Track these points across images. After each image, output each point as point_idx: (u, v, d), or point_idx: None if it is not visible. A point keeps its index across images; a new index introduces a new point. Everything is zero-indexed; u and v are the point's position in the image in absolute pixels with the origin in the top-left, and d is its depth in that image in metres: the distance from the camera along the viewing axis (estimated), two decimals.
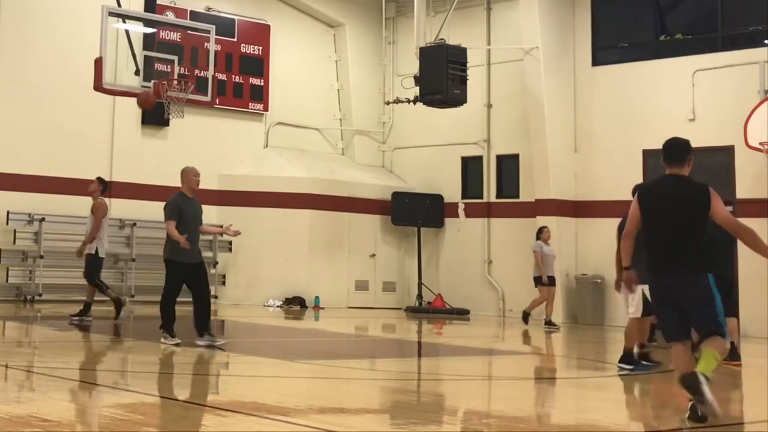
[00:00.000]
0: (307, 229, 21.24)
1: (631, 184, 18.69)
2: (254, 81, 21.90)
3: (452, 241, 22.20)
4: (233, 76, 21.57)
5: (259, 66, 21.98)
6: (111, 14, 16.35)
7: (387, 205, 22.16)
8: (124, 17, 17.32)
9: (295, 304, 20.87)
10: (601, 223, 19.27)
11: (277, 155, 21.96)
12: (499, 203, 21.52)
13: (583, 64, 20.42)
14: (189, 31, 19.82)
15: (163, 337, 11.41)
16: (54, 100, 19.09)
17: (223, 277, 20.84)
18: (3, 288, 18.54)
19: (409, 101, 19.42)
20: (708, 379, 6.80)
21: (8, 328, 14.06)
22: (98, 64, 15.80)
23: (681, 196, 7.23)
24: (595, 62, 20.39)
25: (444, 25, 19.82)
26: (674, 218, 7.20)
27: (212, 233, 11.78)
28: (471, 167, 22.15)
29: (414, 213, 22.05)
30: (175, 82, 16.82)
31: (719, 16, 18.92)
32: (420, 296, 21.85)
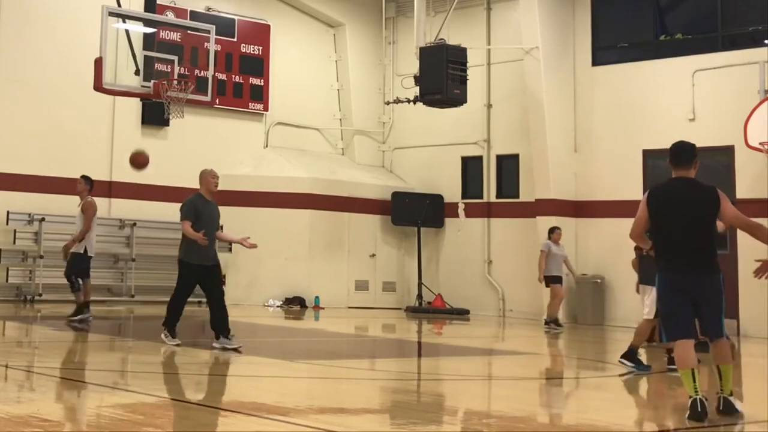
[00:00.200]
0: (307, 229, 21.23)
1: (631, 184, 19.10)
2: (254, 81, 21.89)
3: (452, 241, 22.20)
4: (233, 76, 21.57)
5: (259, 66, 21.97)
6: (111, 14, 16.36)
7: (387, 205, 22.15)
8: (124, 17, 17.33)
9: (295, 304, 20.87)
10: (601, 223, 19.29)
11: (277, 155, 21.96)
12: (499, 203, 21.51)
13: (583, 64, 20.41)
14: (189, 31, 19.84)
15: (163, 333, 11.34)
16: (54, 100, 19.09)
17: (223, 277, 20.77)
18: (3, 288, 18.55)
19: (409, 101, 19.41)
20: (732, 393, 7.35)
21: (8, 328, 14.06)
22: (98, 64, 15.81)
23: (692, 199, 7.41)
24: (595, 62, 20.37)
25: (444, 25, 19.81)
26: (686, 220, 7.38)
27: (229, 241, 11.62)
28: (471, 167, 22.14)
29: (414, 213, 22.04)
30: (175, 82, 16.83)
31: (719, 16, 18.91)
32: (420, 296, 21.84)
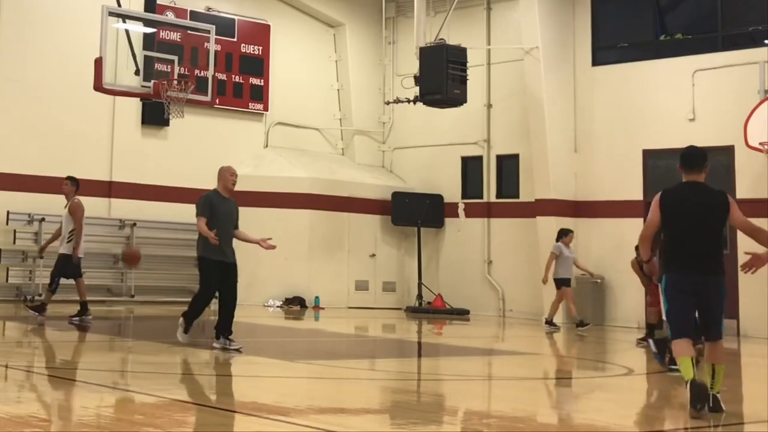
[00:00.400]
0: (307, 229, 21.23)
1: (631, 184, 19.12)
2: (254, 81, 21.89)
3: (452, 241, 22.19)
4: (233, 76, 21.57)
5: (259, 66, 21.97)
6: (111, 14, 16.35)
7: (387, 205, 22.15)
8: (124, 17, 17.33)
9: (295, 304, 20.88)
10: (601, 223, 19.28)
11: (277, 155, 21.95)
12: (499, 203, 21.50)
13: (583, 64, 20.41)
14: (189, 31, 19.84)
15: (181, 325, 11.22)
16: (54, 100, 19.09)
17: None
18: (3, 288, 18.54)
19: (409, 101, 19.41)
20: (719, 392, 7.45)
21: (8, 328, 14.05)
22: (98, 64, 15.81)
23: (702, 202, 7.67)
24: (595, 62, 20.36)
25: (444, 25, 19.81)
26: (696, 223, 7.61)
27: (249, 241, 11.62)
28: (471, 167, 22.14)
29: (414, 213, 22.04)
30: (175, 82, 16.83)
31: (719, 16, 18.90)
32: (420, 296, 21.83)
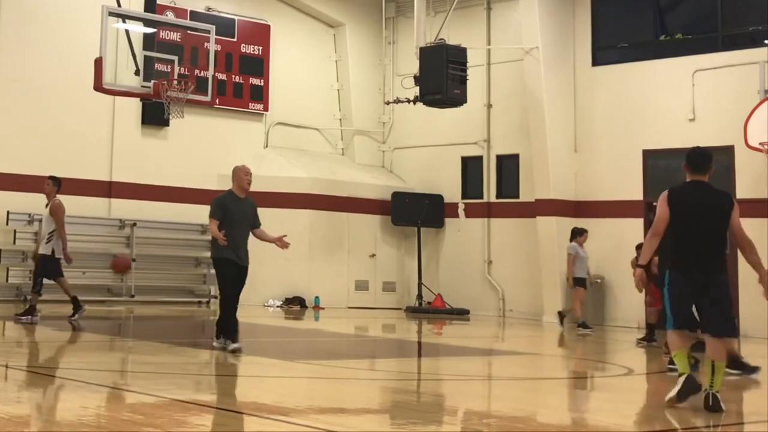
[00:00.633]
0: (307, 229, 21.22)
1: (631, 184, 19.15)
2: (254, 81, 21.89)
3: (452, 241, 22.19)
4: (233, 76, 21.57)
5: (259, 66, 21.97)
6: (111, 14, 16.36)
7: (387, 205, 22.15)
8: (124, 17, 17.34)
9: (295, 304, 20.88)
10: (601, 223, 19.27)
11: (277, 155, 21.95)
12: (499, 203, 21.51)
13: (583, 64, 20.41)
14: (189, 31, 19.85)
15: (224, 342, 10.95)
16: (54, 100, 19.10)
17: None
18: (3, 288, 18.54)
19: (409, 101, 19.41)
20: (718, 391, 7.52)
21: (8, 328, 14.04)
22: (98, 64, 15.81)
23: (708, 202, 7.81)
24: (595, 62, 20.36)
25: (444, 25, 19.81)
26: (702, 223, 7.76)
27: (268, 241, 11.66)
28: (471, 167, 22.14)
29: (414, 213, 22.04)
30: (175, 82, 16.84)
31: (719, 16, 18.90)
32: (420, 296, 21.83)
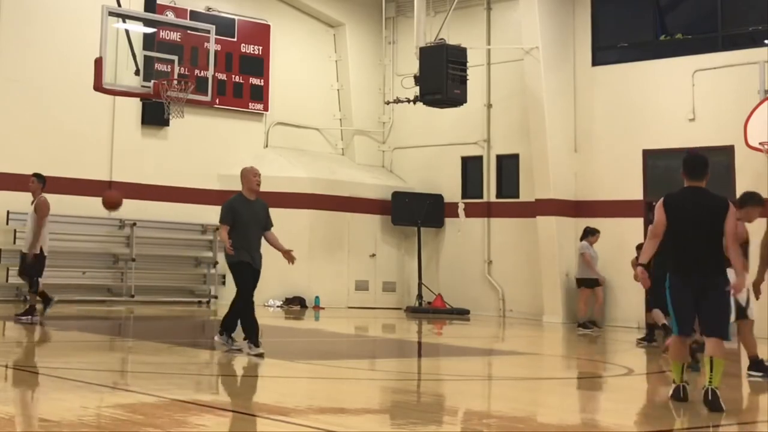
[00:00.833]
0: (307, 229, 21.21)
1: (631, 184, 19.15)
2: (254, 81, 21.89)
3: (452, 241, 22.19)
4: (233, 76, 21.57)
5: (259, 66, 21.97)
6: (111, 14, 16.35)
7: (387, 205, 22.14)
8: (124, 17, 17.32)
9: (295, 304, 20.87)
10: (601, 223, 19.24)
11: (277, 155, 21.94)
12: (499, 203, 21.50)
13: (583, 64, 20.41)
14: (189, 31, 19.84)
15: (248, 347, 10.74)
16: (54, 100, 19.10)
17: (223, 277, 20.76)
18: (3, 288, 18.55)
19: (409, 101, 19.41)
20: (718, 387, 7.60)
21: (8, 328, 14.05)
22: (98, 64, 15.81)
23: (705, 207, 7.96)
24: (595, 62, 20.36)
25: (444, 25, 19.80)
26: (700, 227, 7.90)
27: (276, 248, 11.63)
28: (471, 167, 22.13)
29: (414, 213, 22.03)
30: (175, 82, 16.83)
31: (719, 16, 18.90)
32: (420, 296, 21.83)
